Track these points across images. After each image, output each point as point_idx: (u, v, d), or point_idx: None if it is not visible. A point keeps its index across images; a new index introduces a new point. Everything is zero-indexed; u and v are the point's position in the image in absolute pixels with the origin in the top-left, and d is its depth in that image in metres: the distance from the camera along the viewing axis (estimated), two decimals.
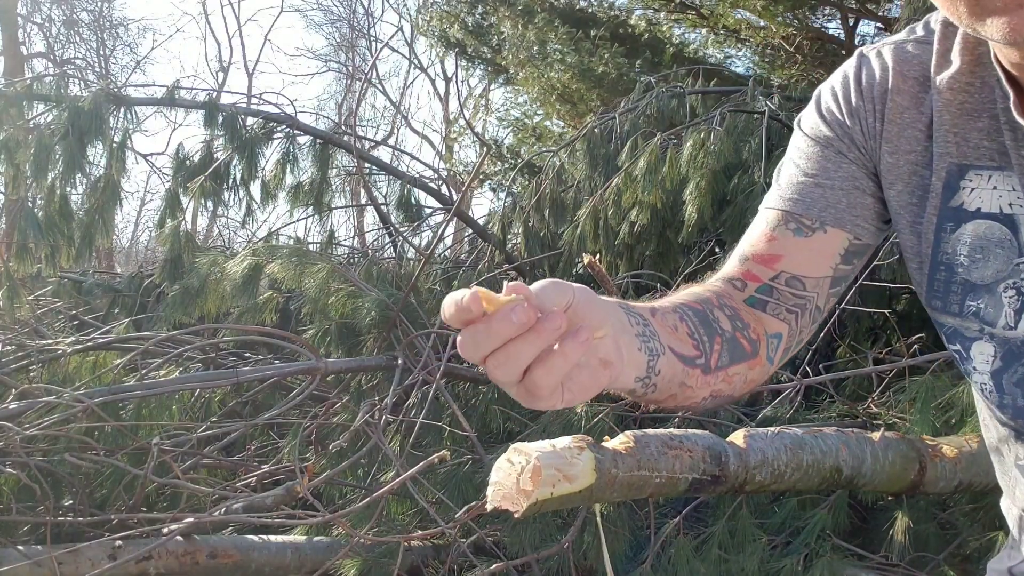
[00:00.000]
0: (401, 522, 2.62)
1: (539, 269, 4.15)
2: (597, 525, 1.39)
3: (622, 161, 3.84)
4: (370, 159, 5.04)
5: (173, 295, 3.59)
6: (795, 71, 6.34)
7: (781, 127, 3.88)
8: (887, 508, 2.53)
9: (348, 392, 3.21)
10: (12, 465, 2.38)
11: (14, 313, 3.74)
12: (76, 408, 2.50)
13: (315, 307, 3.25)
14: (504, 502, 1.21)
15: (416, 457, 2.52)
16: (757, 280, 0.89)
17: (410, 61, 18.34)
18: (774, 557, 2.41)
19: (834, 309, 3.10)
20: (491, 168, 8.32)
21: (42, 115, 3.77)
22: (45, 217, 3.66)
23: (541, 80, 6.71)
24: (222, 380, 2.95)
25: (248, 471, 2.88)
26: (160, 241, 4.14)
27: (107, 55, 16.04)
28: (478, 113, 13.40)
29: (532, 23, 6.44)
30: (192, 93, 4.24)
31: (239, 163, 4.09)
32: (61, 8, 15.12)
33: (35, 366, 2.98)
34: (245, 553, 2.44)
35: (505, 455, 1.22)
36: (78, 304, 4.59)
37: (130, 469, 2.46)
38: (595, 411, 2.54)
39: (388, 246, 5.03)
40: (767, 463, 1.48)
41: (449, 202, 4.97)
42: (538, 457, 1.18)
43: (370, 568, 2.40)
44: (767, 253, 0.89)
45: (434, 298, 4.11)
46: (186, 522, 2.30)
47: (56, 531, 2.34)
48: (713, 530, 2.48)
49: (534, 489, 1.17)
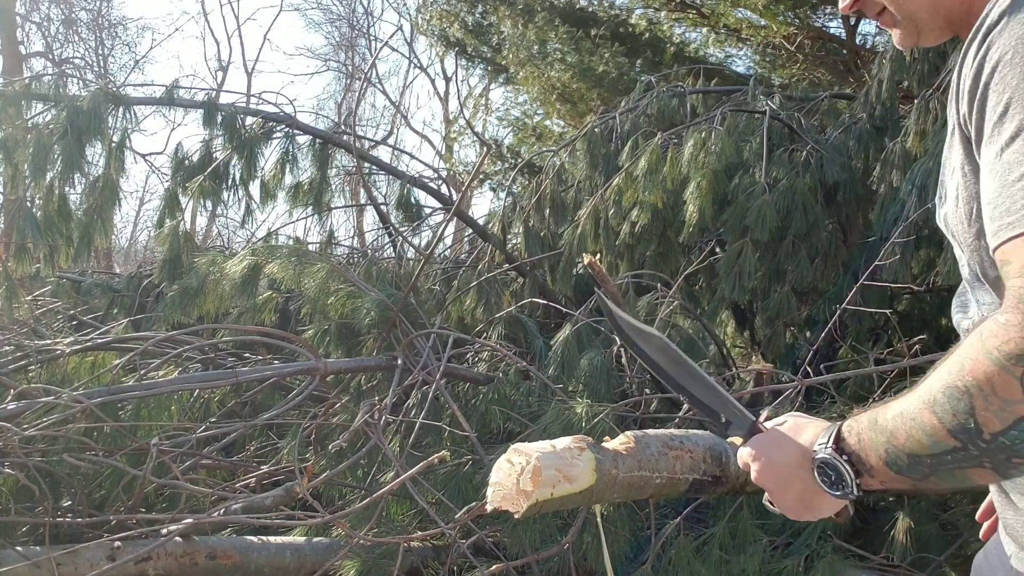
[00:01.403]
0: (401, 523, 2.61)
1: (539, 269, 4.14)
2: (597, 526, 1.38)
3: (623, 161, 3.83)
4: (370, 159, 5.03)
5: (172, 295, 3.58)
6: (796, 70, 6.33)
7: (782, 126, 3.88)
8: (888, 509, 2.53)
9: (348, 392, 3.21)
10: (11, 465, 2.37)
11: (13, 313, 3.73)
12: (75, 408, 2.49)
13: (315, 307, 3.24)
14: (504, 503, 1.21)
15: (416, 457, 2.51)
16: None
17: (410, 60, 18.40)
18: (775, 558, 2.41)
19: (835, 309, 3.10)
20: (491, 168, 8.31)
21: (41, 115, 3.76)
22: (44, 217, 3.65)
23: (541, 79, 6.71)
24: (221, 380, 2.94)
25: (247, 471, 2.87)
26: (159, 241, 4.13)
27: (106, 54, 16.03)
28: (478, 113, 13.40)
29: (532, 22, 6.44)
30: (191, 93, 4.23)
31: (238, 163, 4.08)
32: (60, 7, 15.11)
33: (34, 366, 2.97)
34: (244, 554, 2.44)
35: (505, 455, 1.21)
36: (77, 304, 4.59)
37: (129, 470, 2.45)
38: (595, 411, 2.54)
39: (388, 246, 5.03)
40: None
41: (449, 202, 4.97)
42: (538, 458, 1.18)
43: (370, 569, 2.40)
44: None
45: (434, 298, 4.10)
46: (185, 523, 2.29)
47: (55, 532, 2.34)
48: (714, 531, 2.47)
49: (534, 490, 1.17)
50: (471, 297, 3.93)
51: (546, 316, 3.94)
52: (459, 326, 3.85)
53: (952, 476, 0.79)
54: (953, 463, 0.77)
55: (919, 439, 0.78)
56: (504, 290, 4.12)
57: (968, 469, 0.77)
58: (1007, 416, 0.71)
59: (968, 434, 0.74)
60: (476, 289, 3.93)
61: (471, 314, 3.94)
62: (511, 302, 3.91)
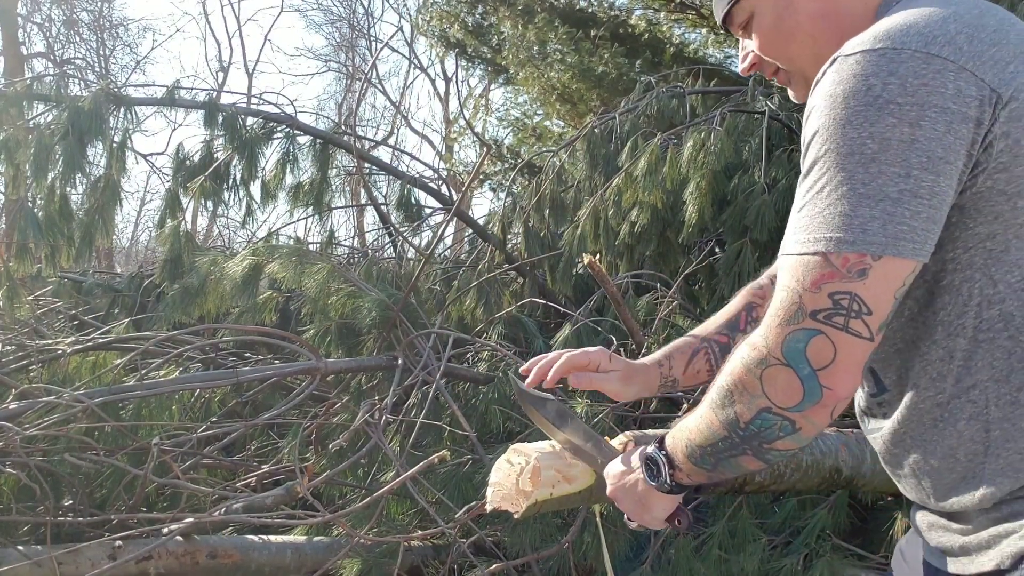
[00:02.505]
0: (401, 522, 2.62)
1: (539, 269, 4.15)
2: (597, 525, 1.39)
3: (622, 161, 3.83)
4: (370, 159, 5.03)
5: (173, 295, 3.59)
6: None
7: (781, 127, 3.88)
8: (887, 508, 2.53)
9: (348, 392, 3.21)
10: (12, 465, 2.38)
11: (14, 313, 3.73)
12: (76, 408, 2.49)
13: (315, 307, 3.25)
14: (503, 503, 1.21)
15: (416, 457, 2.52)
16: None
17: (410, 61, 18.35)
18: (774, 557, 2.41)
19: None
20: (491, 168, 8.31)
21: (42, 115, 3.77)
22: (45, 217, 3.66)
23: (541, 80, 6.71)
24: (222, 380, 2.94)
25: (248, 471, 2.88)
26: (160, 241, 4.14)
27: (107, 55, 16.04)
28: (478, 113, 13.38)
29: (532, 23, 6.44)
30: (192, 93, 4.24)
31: (239, 163, 4.09)
32: (61, 8, 15.11)
33: (35, 366, 2.98)
34: (245, 553, 2.44)
35: (505, 456, 1.22)
36: (78, 304, 4.59)
37: (130, 469, 2.46)
38: (595, 411, 2.54)
39: (388, 246, 5.03)
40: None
41: (449, 202, 4.97)
42: (537, 458, 1.18)
43: (370, 568, 2.40)
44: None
45: (434, 298, 4.11)
46: (186, 522, 2.30)
47: (56, 531, 2.34)
48: (713, 530, 2.48)
49: (533, 490, 1.17)
50: (471, 297, 3.94)
51: (546, 316, 3.94)
52: (459, 326, 3.86)
53: (730, 464, 0.96)
54: (726, 451, 0.94)
55: (703, 432, 0.96)
56: (504, 290, 4.13)
57: (739, 456, 0.94)
58: (753, 407, 0.89)
59: (732, 424, 0.92)
60: (476, 289, 3.93)
61: (471, 314, 3.94)
62: (511, 302, 3.91)
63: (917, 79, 0.80)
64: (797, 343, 0.85)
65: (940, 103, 0.80)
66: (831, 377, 0.84)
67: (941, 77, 0.80)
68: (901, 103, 0.80)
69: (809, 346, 0.84)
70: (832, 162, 0.83)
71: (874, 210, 0.81)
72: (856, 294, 0.82)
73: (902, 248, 0.81)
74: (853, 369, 0.84)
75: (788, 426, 0.88)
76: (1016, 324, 0.85)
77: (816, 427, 0.89)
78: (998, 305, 0.85)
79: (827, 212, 0.83)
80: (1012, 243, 0.84)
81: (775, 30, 1.03)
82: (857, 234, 0.81)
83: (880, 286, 0.82)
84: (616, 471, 1.13)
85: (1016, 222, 0.84)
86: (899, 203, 0.80)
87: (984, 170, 0.83)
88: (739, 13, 1.07)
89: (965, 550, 0.92)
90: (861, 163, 0.81)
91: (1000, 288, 0.85)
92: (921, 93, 0.80)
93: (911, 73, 0.81)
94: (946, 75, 0.80)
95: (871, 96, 0.82)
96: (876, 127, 0.81)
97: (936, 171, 0.80)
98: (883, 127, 0.81)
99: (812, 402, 0.86)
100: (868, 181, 0.81)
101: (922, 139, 0.80)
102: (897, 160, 0.80)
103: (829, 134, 0.84)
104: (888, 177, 0.80)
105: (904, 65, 0.81)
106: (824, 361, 0.84)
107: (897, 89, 0.81)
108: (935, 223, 0.83)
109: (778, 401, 0.87)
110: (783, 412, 0.88)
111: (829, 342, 0.83)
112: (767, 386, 0.88)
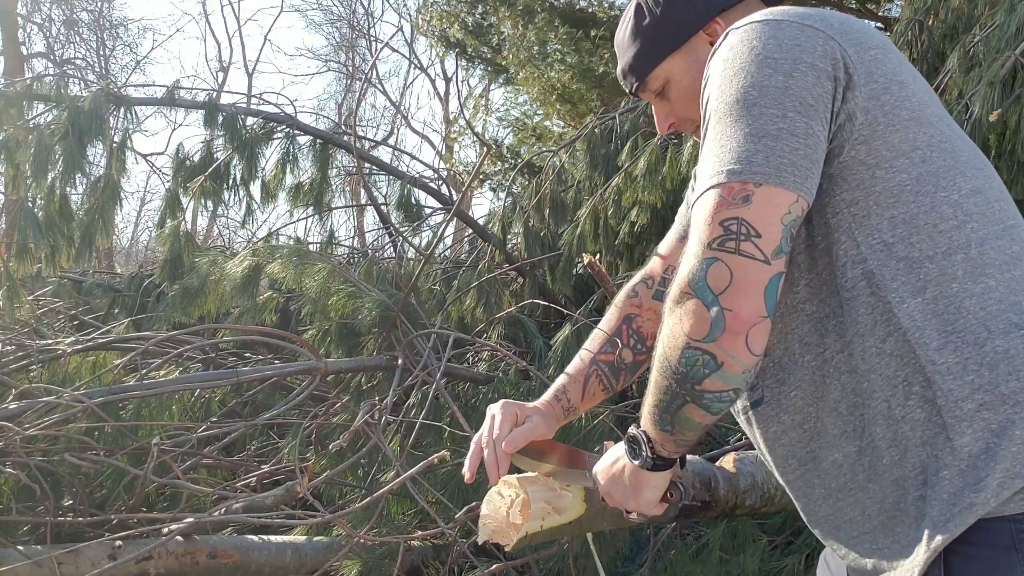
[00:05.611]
0: (401, 522, 2.62)
1: (539, 269, 4.15)
2: (589, 542, 1.40)
3: (622, 161, 3.83)
4: (370, 159, 5.03)
5: (173, 295, 3.59)
6: None
7: None
8: None
9: (348, 392, 3.21)
10: (12, 465, 2.38)
11: (14, 313, 3.73)
12: (76, 408, 2.49)
13: (315, 307, 3.25)
14: (494, 536, 1.23)
15: (416, 457, 2.51)
16: None
17: (410, 61, 18.38)
18: (775, 557, 2.41)
19: None
20: (491, 168, 8.32)
21: (42, 115, 3.77)
22: (45, 217, 3.66)
23: (541, 80, 6.71)
24: (222, 380, 2.94)
25: (248, 471, 2.88)
26: (160, 241, 4.14)
27: (107, 55, 16.05)
28: (478, 113, 13.39)
29: (532, 23, 6.44)
30: (192, 93, 4.24)
31: (239, 163, 4.09)
32: (61, 8, 15.12)
33: (35, 366, 2.98)
34: (245, 553, 2.44)
35: (495, 488, 1.23)
36: (78, 304, 4.59)
37: (130, 469, 2.46)
38: (595, 413, 2.54)
39: (388, 246, 5.03)
40: (757, 487, 1.47)
41: (449, 202, 4.97)
42: (528, 490, 1.19)
43: (370, 568, 2.40)
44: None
45: (434, 298, 4.11)
46: (186, 522, 2.30)
47: (56, 531, 2.34)
48: (713, 531, 2.48)
49: (524, 523, 1.19)
50: (471, 297, 3.94)
51: (546, 316, 3.94)
52: (459, 326, 3.86)
53: (680, 419, 0.97)
54: (672, 403, 0.96)
55: (654, 391, 0.99)
56: (504, 290, 4.13)
57: (683, 407, 0.95)
58: (678, 346, 0.92)
59: (668, 371, 0.94)
60: (476, 289, 3.93)
61: (471, 314, 3.94)
62: (511, 302, 3.91)
63: (792, 41, 0.94)
64: (700, 272, 0.90)
65: (810, 60, 0.93)
66: (729, 299, 0.88)
67: (812, 41, 0.94)
68: (777, 58, 0.93)
69: (708, 274, 0.89)
70: (722, 112, 0.94)
71: (757, 144, 0.90)
72: (742, 218, 0.89)
73: (784, 179, 0.89)
74: (751, 290, 0.88)
75: (711, 361, 0.90)
76: (875, 281, 0.93)
77: (737, 361, 0.90)
78: (860, 264, 0.94)
79: (719, 153, 0.92)
80: (872, 209, 0.94)
81: (692, 91, 1.13)
82: (744, 165, 0.90)
83: (764, 210, 0.89)
84: (604, 464, 1.15)
85: (875, 189, 0.94)
86: (778, 139, 0.90)
87: (848, 140, 0.94)
88: (653, 82, 1.20)
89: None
90: (745, 107, 0.92)
91: (862, 249, 0.94)
92: (795, 51, 0.93)
93: (787, 36, 0.94)
94: (816, 40, 0.94)
95: (753, 54, 0.94)
96: (756, 77, 0.93)
97: (808, 116, 0.91)
98: (762, 77, 0.92)
99: (720, 328, 0.88)
100: (751, 122, 0.91)
101: (795, 87, 0.91)
102: (774, 103, 0.91)
103: (720, 91, 0.95)
104: (768, 118, 0.91)
105: (783, 31, 0.95)
106: (722, 285, 0.88)
107: (774, 47, 0.94)
108: (813, 163, 0.91)
109: (693, 334, 0.90)
110: (700, 345, 0.90)
111: (724, 266, 0.88)
112: (685, 322, 0.91)
